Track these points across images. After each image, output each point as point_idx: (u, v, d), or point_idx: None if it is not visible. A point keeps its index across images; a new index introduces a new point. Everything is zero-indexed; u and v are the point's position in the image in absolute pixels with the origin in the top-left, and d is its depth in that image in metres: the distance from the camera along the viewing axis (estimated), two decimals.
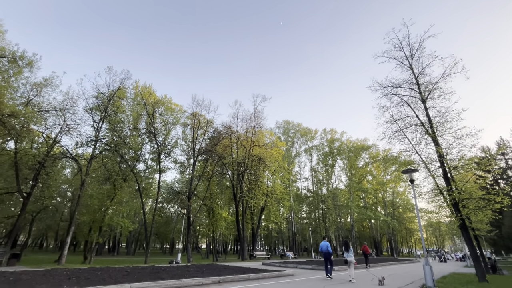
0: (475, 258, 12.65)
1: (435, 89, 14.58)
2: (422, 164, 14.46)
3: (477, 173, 15.17)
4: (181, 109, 33.43)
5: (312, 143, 54.47)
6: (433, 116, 14.49)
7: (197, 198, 32.71)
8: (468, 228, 13.26)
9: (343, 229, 54.37)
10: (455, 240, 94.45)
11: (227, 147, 32.08)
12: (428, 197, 15.48)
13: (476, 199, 12.99)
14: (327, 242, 12.88)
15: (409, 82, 15.43)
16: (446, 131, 13.89)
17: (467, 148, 13.26)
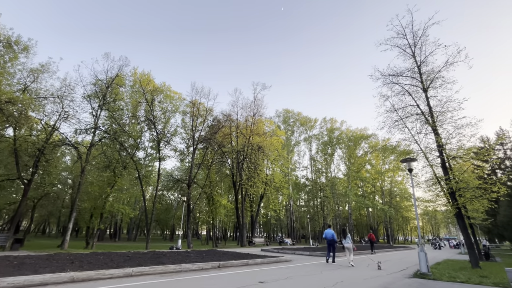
0: (469, 246, 12.94)
1: (437, 78, 14.42)
2: (421, 153, 14.52)
3: (475, 163, 15.26)
4: (180, 97, 33.13)
5: (311, 132, 54.43)
6: (434, 105, 14.42)
7: (197, 186, 33.01)
8: (463, 216, 13.48)
9: (341, 217, 55.26)
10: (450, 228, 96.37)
11: (227, 136, 32.05)
12: (426, 186, 15.66)
13: (473, 188, 13.14)
14: (332, 231, 13.40)
15: (411, 70, 15.25)
16: (446, 120, 13.87)
17: (467, 138, 13.29)
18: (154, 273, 7.86)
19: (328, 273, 9.40)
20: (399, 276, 9.17)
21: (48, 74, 19.43)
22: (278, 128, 45.00)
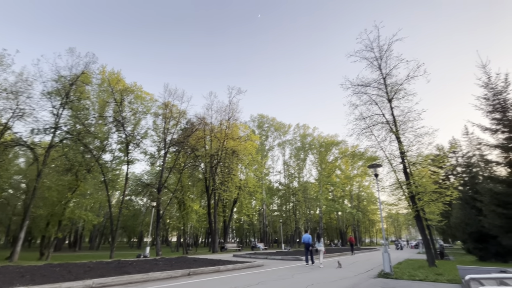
0: (427, 246, 13.97)
1: (400, 90, 15.55)
2: (386, 160, 15.47)
3: (431, 169, 16.61)
4: (152, 98, 31.92)
5: (285, 138, 55.50)
6: (397, 115, 15.49)
7: (167, 191, 31.81)
8: (422, 218, 14.55)
9: (312, 221, 56.65)
10: (410, 230, 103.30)
11: (200, 139, 31.44)
12: (390, 190, 16.65)
13: (430, 192, 14.25)
14: (309, 235, 14.53)
15: (378, 82, 16.26)
16: (407, 129, 14.96)
17: (425, 146, 14.44)
18: (118, 283, 7.38)
19: (299, 276, 9.53)
20: (365, 276, 9.58)
21: (1, 67, 17.66)
22: (253, 132, 45.21)
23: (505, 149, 12.13)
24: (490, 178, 13.36)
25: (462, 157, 27.87)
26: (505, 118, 12.11)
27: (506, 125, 12.04)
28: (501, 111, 12.25)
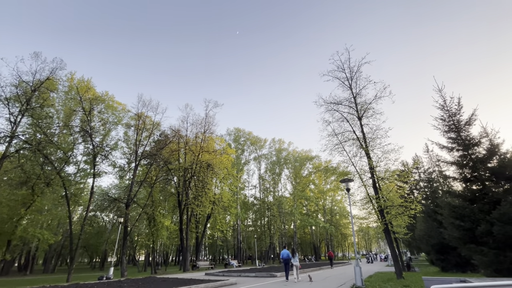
0: (395, 258, 14.50)
1: (369, 108, 16.58)
2: (357, 174, 16.14)
3: (398, 183, 17.61)
4: (124, 108, 30.73)
5: (261, 152, 55.85)
6: (366, 132, 16.41)
7: (136, 206, 30.12)
8: (390, 231, 15.18)
9: (286, 236, 56.52)
10: (380, 243, 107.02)
11: (174, 152, 30.54)
12: (360, 204, 17.28)
13: (397, 206, 15.02)
14: (287, 250, 14.68)
15: (349, 100, 17.23)
16: (376, 146, 15.86)
17: (392, 162, 15.36)
18: None
19: None
20: None
21: None
22: (229, 146, 44.95)
23: (460, 165, 13.26)
24: (448, 193, 14.42)
25: (424, 173, 29.97)
26: (459, 137, 13.32)
27: (460, 144, 13.23)
28: (455, 131, 13.48)
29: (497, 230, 10.53)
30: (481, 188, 12.39)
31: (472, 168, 12.84)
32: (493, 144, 12.45)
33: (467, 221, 12.08)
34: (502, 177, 11.94)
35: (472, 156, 12.85)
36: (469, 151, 12.94)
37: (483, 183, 12.31)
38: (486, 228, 10.95)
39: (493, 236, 10.74)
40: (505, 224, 10.36)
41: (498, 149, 12.28)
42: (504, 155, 12.09)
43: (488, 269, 11.20)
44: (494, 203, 11.26)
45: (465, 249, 12.12)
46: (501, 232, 10.41)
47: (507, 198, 10.95)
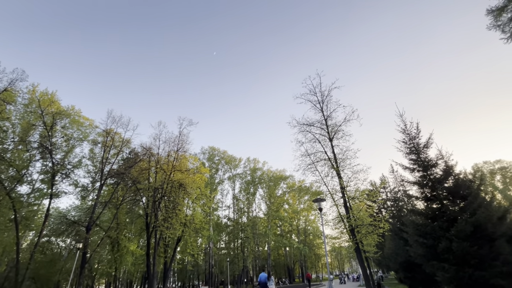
0: (366, 278, 14.72)
1: (339, 130, 17.48)
2: (329, 194, 16.59)
3: (367, 203, 18.31)
4: (91, 124, 29.11)
5: (236, 171, 55.38)
6: (337, 153, 17.14)
7: (99, 229, 27.74)
8: (361, 250, 15.50)
9: (260, 258, 55.09)
10: (352, 263, 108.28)
11: (144, 171, 29.12)
12: (333, 224, 17.60)
13: (366, 225, 15.51)
14: (265, 274, 14.83)
15: (320, 122, 18.06)
16: (346, 166, 16.57)
17: (361, 181, 16.07)
18: None
19: None
20: None
21: None
22: (202, 165, 44.00)
23: (421, 185, 14.23)
24: (412, 211, 15.27)
25: (390, 192, 31.60)
26: (419, 159, 14.42)
27: (420, 165, 14.30)
28: (415, 153, 14.60)
29: (455, 247, 11.23)
30: (440, 206, 13.30)
31: (431, 187, 13.82)
32: (448, 166, 13.61)
33: (429, 238, 12.76)
34: (458, 196, 12.98)
35: (431, 177, 13.88)
36: (428, 172, 13.99)
37: (442, 202, 13.25)
38: (446, 245, 11.63)
39: (453, 253, 11.41)
40: (462, 240, 11.11)
41: (453, 170, 13.44)
42: (458, 176, 13.24)
43: (450, 285, 11.75)
44: (452, 221, 12.09)
45: (428, 266, 12.68)
46: (459, 249, 11.12)
47: (462, 215, 11.84)
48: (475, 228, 11.19)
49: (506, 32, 12.76)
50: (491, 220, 11.51)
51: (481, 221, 11.23)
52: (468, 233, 11.19)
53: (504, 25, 12.80)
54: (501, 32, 12.89)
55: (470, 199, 12.32)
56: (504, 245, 10.91)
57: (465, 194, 12.72)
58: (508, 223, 13.09)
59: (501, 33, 12.92)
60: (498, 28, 12.91)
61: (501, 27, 12.84)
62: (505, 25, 12.78)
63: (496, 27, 12.95)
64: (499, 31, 12.92)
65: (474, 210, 11.75)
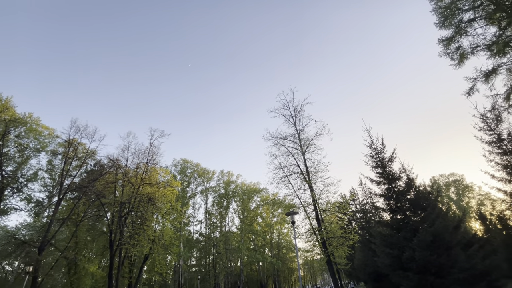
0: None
1: (311, 144, 18.07)
2: (301, 207, 16.83)
3: (338, 215, 18.87)
4: (52, 133, 27.00)
5: (209, 184, 54.16)
6: (309, 166, 17.62)
7: (54, 250, 25.11)
8: (332, 263, 15.75)
9: (233, 275, 53.39)
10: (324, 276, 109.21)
11: (110, 184, 27.29)
12: (305, 237, 17.77)
13: (338, 237, 15.89)
14: None
15: (293, 136, 18.55)
16: (318, 179, 17.04)
17: (332, 194, 16.59)
18: None
19: None
20: None
21: None
22: (174, 178, 42.42)
23: (387, 197, 15.06)
24: (379, 222, 16.02)
25: (359, 204, 32.89)
26: (384, 172, 15.32)
27: (386, 178, 15.19)
28: (381, 167, 15.51)
29: (418, 256, 11.89)
30: (403, 217, 14.12)
31: (395, 199, 14.67)
32: (409, 178, 14.61)
33: (394, 248, 13.40)
34: (419, 207, 13.91)
35: (395, 189, 14.77)
36: (392, 185, 14.88)
37: (405, 213, 14.08)
38: (410, 254, 12.28)
39: (416, 262, 12.05)
40: (423, 250, 11.81)
41: (414, 183, 14.44)
42: (418, 188, 14.24)
43: None
44: (414, 231, 12.85)
45: (394, 275, 13.22)
46: (421, 257, 11.79)
47: (423, 225, 12.65)
48: (434, 237, 11.99)
49: (454, 59, 14.40)
50: (447, 229, 12.42)
51: (439, 230, 12.07)
52: (428, 242, 11.94)
53: (452, 53, 14.45)
54: (450, 59, 14.52)
55: (429, 210, 13.25)
56: (460, 252, 11.78)
57: (424, 205, 13.67)
58: (462, 232, 14.21)
59: (450, 60, 14.55)
60: (447, 55, 14.54)
61: (450, 55, 14.48)
62: (453, 53, 14.44)
63: (446, 55, 14.57)
64: (448, 58, 14.55)
65: (433, 220, 12.64)
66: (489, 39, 13.69)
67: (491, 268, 11.79)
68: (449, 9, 14.13)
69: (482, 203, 51.25)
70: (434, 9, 14.84)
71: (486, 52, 13.67)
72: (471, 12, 14.00)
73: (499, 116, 14.18)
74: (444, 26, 14.50)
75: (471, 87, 14.03)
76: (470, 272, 11.19)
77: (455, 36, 14.27)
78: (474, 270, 11.31)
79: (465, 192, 57.25)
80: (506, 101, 13.66)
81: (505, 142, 13.80)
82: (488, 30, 13.94)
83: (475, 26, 14.06)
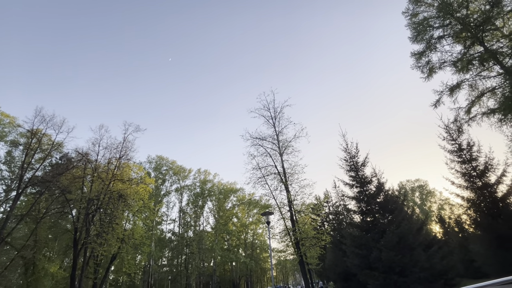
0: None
1: (289, 146, 18.36)
2: (277, 207, 17.02)
3: (312, 216, 19.35)
4: (12, 122, 24.86)
5: (184, 183, 53.03)
6: (287, 167, 17.88)
7: (9, 248, 23.15)
8: (304, 263, 16.11)
9: (205, 275, 52.68)
10: (296, 275, 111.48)
11: (78, 179, 25.68)
12: (279, 237, 17.99)
13: (311, 237, 16.28)
14: None
15: (272, 137, 18.73)
16: (294, 181, 17.35)
17: (307, 196, 16.96)
18: None
19: None
20: None
21: None
22: (148, 175, 40.95)
23: (358, 200, 15.72)
24: (350, 224, 16.67)
25: (332, 206, 33.94)
26: (357, 176, 15.98)
27: (358, 181, 15.85)
28: (355, 170, 16.16)
29: (384, 256, 12.53)
30: (373, 219, 14.80)
31: (366, 202, 15.35)
32: (380, 183, 15.35)
33: (363, 249, 14.00)
34: (387, 210, 14.66)
35: (366, 192, 15.44)
36: (364, 188, 15.54)
37: (374, 215, 14.77)
38: (377, 254, 12.90)
39: (382, 262, 12.69)
40: (390, 250, 12.47)
41: (383, 187, 15.20)
42: (387, 192, 15.01)
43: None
44: (382, 232, 13.52)
45: (362, 274, 13.82)
46: (387, 258, 12.43)
47: (390, 227, 13.35)
48: (400, 239, 12.71)
49: (424, 73, 15.41)
50: (411, 231, 13.23)
51: (404, 232, 12.82)
52: (394, 243, 12.62)
53: (423, 67, 15.46)
54: (421, 72, 15.52)
55: (396, 213, 14.02)
56: (421, 253, 12.59)
57: (392, 208, 14.44)
58: (424, 234, 15.20)
59: (420, 73, 15.55)
60: (418, 68, 15.53)
61: (421, 68, 15.48)
62: (424, 67, 15.46)
63: (417, 68, 15.55)
64: (419, 71, 15.54)
65: (399, 222, 13.39)
66: (455, 56, 14.85)
67: (448, 268, 12.74)
68: (422, 25, 15.12)
69: (442, 208, 55.37)
70: (408, 24, 15.81)
71: (452, 68, 14.80)
72: (441, 29, 15.09)
73: (461, 127, 15.39)
74: (416, 41, 15.49)
75: (437, 99, 15.11)
76: (429, 271, 12.01)
77: (426, 51, 15.30)
78: (433, 270, 12.16)
79: (428, 197, 61.51)
80: (467, 114, 14.88)
81: (464, 152, 15.00)
82: (455, 48, 15.12)
83: (444, 43, 15.18)
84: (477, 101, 14.66)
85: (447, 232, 25.60)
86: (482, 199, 13.88)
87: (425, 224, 16.20)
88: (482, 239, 13.77)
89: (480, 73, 14.46)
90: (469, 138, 15.23)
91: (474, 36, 13.86)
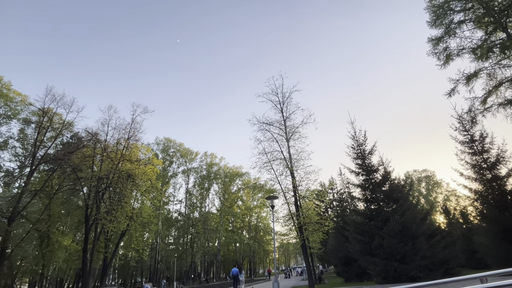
0: (309, 272, 15.69)
1: (296, 132, 18.19)
2: (282, 192, 17.17)
3: (316, 202, 19.50)
4: (24, 100, 25.32)
5: (191, 165, 53.84)
6: (292, 153, 17.83)
7: (25, 221, 24.33)
8: (307, 247, 16.45)
9: (210, 254, 54.69)
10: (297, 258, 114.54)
11: (88, 158, 26.32)
12: (283, 221, 18.29)
13: (314, 223, 16.51)
14: (237, 268, 17.37)
15: (279, 122, 18.56)
16: (300, 167, 17.34)
17: (312, 182, 17.00)
18: None
19: None
20: None
21: None
22: (155, 156, 41.66)
23: (363, 188, 15.73)
24: (354, 211, 16.81)
25: (337, 193, 34.11)
26: (364, 164, 15.89)
27: (364, 169, 15.78)
28: (361, 158, 16.05)
29: (386, 243, 12.68)
30: (377, 207, 14.85)
31: (372, 190, 15.35)
32: (386, 171, 15.26)
33: (366, 236, 14.18)
34: (391, 199, 14.66)
35: (372, 181, 15.41)
36: (370, 176, 15.49)
37: (379, 203, 14.81)
38: (379, 241, 13.07)
39: (384, 249, 12.87)
40: (392, 238, 12.59)
41: (390, 175, 15.11)
42: (393, 181, 14.93)
43: (379, 277, 13.23)
44: (385, 220, 13.61)
45: (363, 260, 14.08)
46: (389, 245, 12.58)
47: (394, 216, 13.40)
48: (403, 227, 12.78)
49: (441, 60, 14.77)
50: (415, 220, 13.25)
51: (408, 221, 12.85)
52: (397, 232, 12.71)
53: (440, 53, 14.80)
54: (437, 59, 14.89)
55: (401, 202, 14.01)
56: (423, 242, 12.67)
57: (397, 197, 14.42)
58: (427, 224, 15.22)
59: (437, 59, 14.91)
60: (435, 55, 14.88)
61: (437, 55, 14.83)
62: (440, 53, 14.79)
63: (434, 54, 14.90)
64: (435, 58, 14.90)
65: (403, 211, 13.40)
66: (475, 43, 14.12)
67: (449, 258, 12.84)
68: (442, 8, 14.31)
69: (448, 199, 55.01)
70: (427, 7, 14.97)
71: (470, 55, 14.12)
72: (462, 13, 14.27)
73: (474, 118, 14.94)
74: (435, 25, 14.73)
75: (452, 88, 14.57)
76: (430, 260, 12.15)
77: (444, 36, 14.57)
78: (435, 259, 12.29)
79: (434, 187, 61.04)
80: (483, 105, 14.36)
81: (476, 143, 14.65)
82: (475, 34, 14.35)
83: (464, 28, 14.40)
84: (494, 90, 14.07)
85: (451, 223, 25.60)
86: (490, 192, 13.70)
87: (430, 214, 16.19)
88: (487, 231, 13.73)
89: (500, 61, 13.77)
90: (482, 129, 14.82)
91: (497, 22, 13.09)
